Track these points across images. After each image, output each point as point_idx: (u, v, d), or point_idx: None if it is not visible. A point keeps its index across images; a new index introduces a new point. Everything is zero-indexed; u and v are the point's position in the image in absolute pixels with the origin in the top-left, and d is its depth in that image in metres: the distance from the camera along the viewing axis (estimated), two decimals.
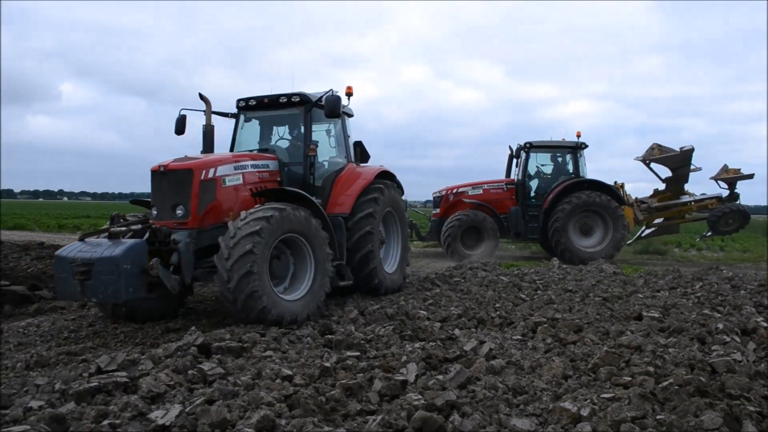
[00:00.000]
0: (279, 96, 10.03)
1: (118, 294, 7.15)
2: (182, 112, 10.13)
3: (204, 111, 9.94)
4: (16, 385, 5.39)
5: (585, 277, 12.51)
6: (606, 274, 12.96)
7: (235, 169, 8.76)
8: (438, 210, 20.29)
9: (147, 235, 7.90)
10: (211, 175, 8.29)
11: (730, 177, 20.49)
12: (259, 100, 10.21)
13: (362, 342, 6.71)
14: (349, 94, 10.40)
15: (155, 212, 8.24)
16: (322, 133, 10.69)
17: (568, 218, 18.20)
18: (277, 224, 7.72)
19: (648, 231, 22.29)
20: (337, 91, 9.90)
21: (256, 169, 9.17)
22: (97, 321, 8.55)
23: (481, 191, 19.90)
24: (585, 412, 4.34)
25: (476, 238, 18.99)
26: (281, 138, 10.53)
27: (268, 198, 8.71)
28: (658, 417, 4.29)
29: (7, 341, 7.45)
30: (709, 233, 21.21)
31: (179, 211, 8.06)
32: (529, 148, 19.58)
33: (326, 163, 10.65)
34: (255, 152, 9.92)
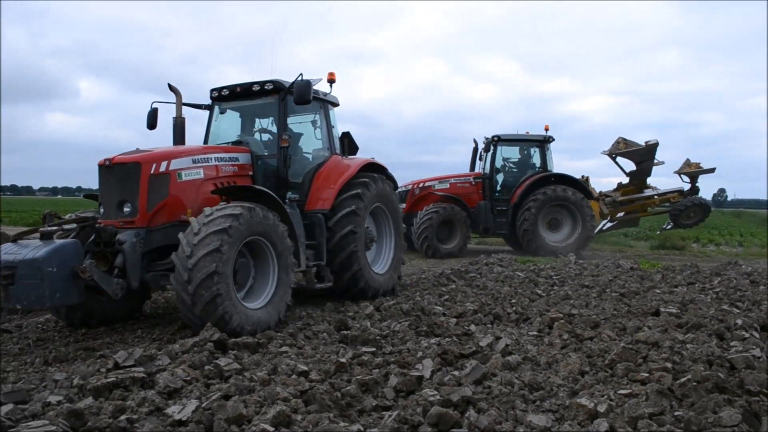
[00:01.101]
0: (252, 84, 9.35)
1: (42, 300, 6.42)
2: (154, 105, 9.55)
3: (175, 103, 9.33)
4: (35, 380, 5.46)
5: (602, 272, 12.44)
6: (623, 270, 12.88)
7: (194, 162, 8.04)
8: (404, 205, 19.13)
9: (93, 235, 7.32)
10: (162, 168, 7.58)
11: (692, 171, 21.00)
12: (232, 89, 9.54)
13: (378, 338, 6.71)
14: (331, 80, 9.90)
15: (102, 210, 7.59)
16: (307, 124, 10.17)
17: (538, 213, 18.04)
18: (247, 224, 7.13)
19: (609, 225, 22.43)
20: (321, 80, 9.53)
21: (221, 163, 8.45)
22: None
23: (448, 185, 19.48)
24: (602, 408, 4.31)
25: (447, 233, 18.56)
26: (258, 130, 9.94)
27: (227, 195, 8.07)
28: (675, 413, 4.26)
29: (26, 337, 7.54)
30: (669, 226, 21.86)
31: (126, 209, 7.39)
32: (497, 141, 19.32)
33: (310, 156, 10.03)
34: (229, 145, 9.36)
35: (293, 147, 9.46)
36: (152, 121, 9.55)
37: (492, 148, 19.37)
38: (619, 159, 20.97)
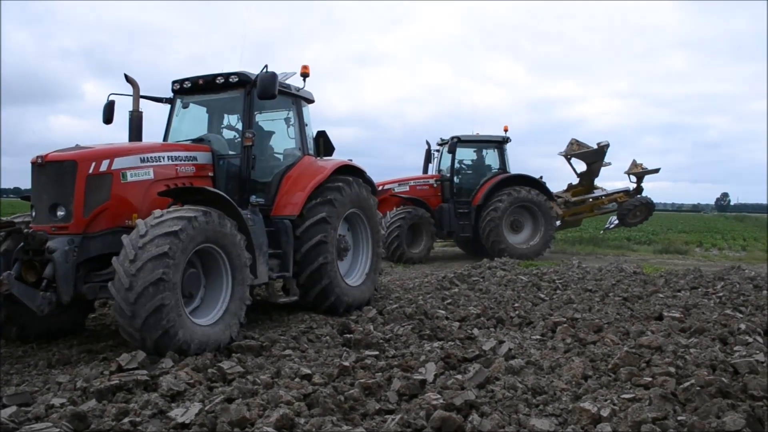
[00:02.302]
0: (216, 76, 8.46)
1: None
2: (111, 98, 8.66)
3: (132, 95, 8.56)
4: (38, 382, 5.46)
5: (605, 276, 12.42)
6: (626, 274, 12.86)
7: (143, 161, 7.19)
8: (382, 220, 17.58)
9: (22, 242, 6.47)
10: (103, 168, 6.74)
11: (639, 172, 21.42)
12: (195, 81, 8.64)
13: (381, 341, 6.72)
14: (304, 74, 9.07)
15: (33, 213, 6.77)
16: (279, 122, 9.36)
17: (503, 215, 17.71)
18: (201, 230, 6.37)
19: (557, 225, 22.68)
20: (294, 73, 8.91)
21: (176, 162, 7.58)
22: None
23: (407, 188, 18.55)
24: (605, 413, 4.32)
25: (412, 237, 17.61)
26: (225, 127, 9.10)
27: (177, 197, 7.23)
28: (679, 418, 4.26)
29: (30, 339, 7.53)
30: (613, 225, 22.64)
31: (60, 213, 6.55)
32: (457, 142, 18.71)
33: (281, 157, 9.19)
34: (189, 143, 8.46)
35: (261, 146, 8.76)
36: (108, 115, 8.70)
37: (455, 149, 18.69)
38: (573, 160, 21.22)
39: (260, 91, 7.75)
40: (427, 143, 19.75)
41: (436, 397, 4.56)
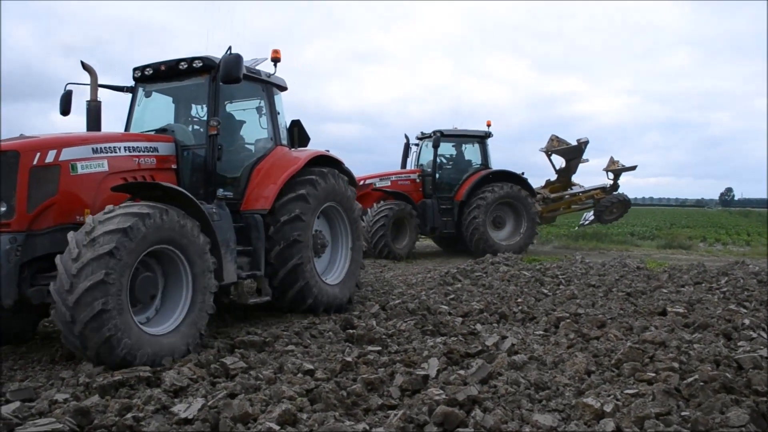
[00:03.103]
0: (179, 61, 7.84)
1: None
2: (68, 87, 8.11)
3: (89, 84, 8.00)
4: (41, 378, 5.47)
5: (608, 271, 12.41)
6: (629, 269, 12.84)
7: (95, 152, 6.59)
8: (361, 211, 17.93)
9: None
10: (50, 159, 6.15)
11: (616, 169, 21.60)
12: (157, 68, 8.03)
13: (383, 337, 6.71)
14: (275, 59, 8.45)
15: None
16: (252, 111, 8.79)
17: (487, 211, 17.50)
18: (156, 228, 5.80)
19: None
20: (265, 59, 8.43)
21: (134, 154, 7.02)
22: None
23: (389, 183, 18.08)
24: (608, 408, 4.30)
25: (395, 233, 17.10)
26: (194, 118, 8.43)
27: (133, 193, 6.70)
28: (682, 413, 4.24)
29: (33, 334, 7.55)
30: (588, 221, 23.00)
31: (1, 208, 5.95)
32: (440, 137, 18.27)
33: (253, 148, 8.68)
34: (152, 133, 7.89)
35: (230, 136, 8.29)
36: (65, 106, 8.15)
37: (438, 144, 18.24)
38: (553, 157, 21.29)
39: (224, 74, 7.21)
40: (406, 137, 19.47)
41: (439, 393, 4.55)
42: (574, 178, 21.96)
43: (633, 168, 21.87)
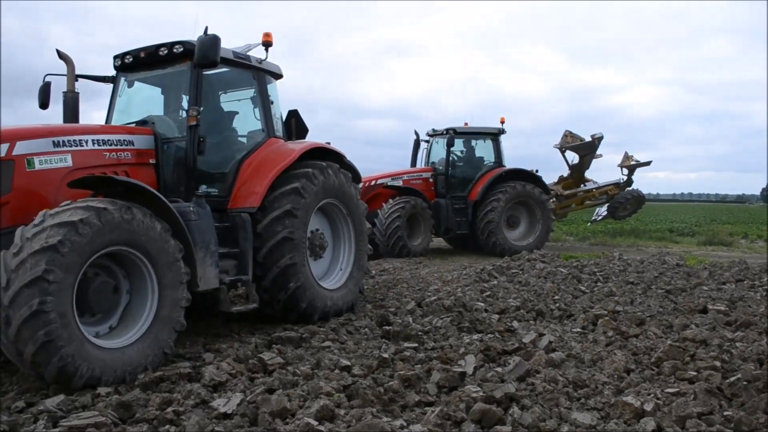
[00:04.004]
0: (159, 47, 7.19)
1: None
2: (47, 79, 7.54)
3: (66, 74, 7.46)
4: None
5: (647, 269, 12.24)
6: (669, 266, 12.65)
7: (57, 145, 5.97)
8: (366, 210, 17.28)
9: None
10: (2, 153, 5.57)
11: (632, 164, 21.21)
12: (136, 54, 7.40)
13: (420, 333, 6.72)
14: (266, 43, 7.81)
15: None
16: (246, 101, 8.15)
17: (503, 211, 16.97)
18: (112, 226, 5.12)
19: None
20: (257, 44, 7.83)
21: (104, 147, 6.38)
22: None
23: (401, 182, 17.32)
24: (648, 407, 4.25)
25: (410, 230, 16.37)
26: (182, 107, 7.64)
27: (94, 188, 6.00)
28: (725, 413, 4.18)
29: None
30: (600, 217, 22.37)
31: None
32: (453, 135, 17.71)
33: (245, 140, 8.00)
34: (133, 125, 7.27)
35: (219, 128, 7.68)
36: (44, 99, 7.58)
37: (453, 142, 17.75)
38: (567, 153, 20.95)
39: (199, 57, 6.56)
40: (416, 134, 18.90)
41: (476, 390, 4.54)
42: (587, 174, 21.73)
43: (647, 163, 21.58)
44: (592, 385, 4.93)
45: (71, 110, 7.42)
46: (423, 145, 18.84)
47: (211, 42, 6.54)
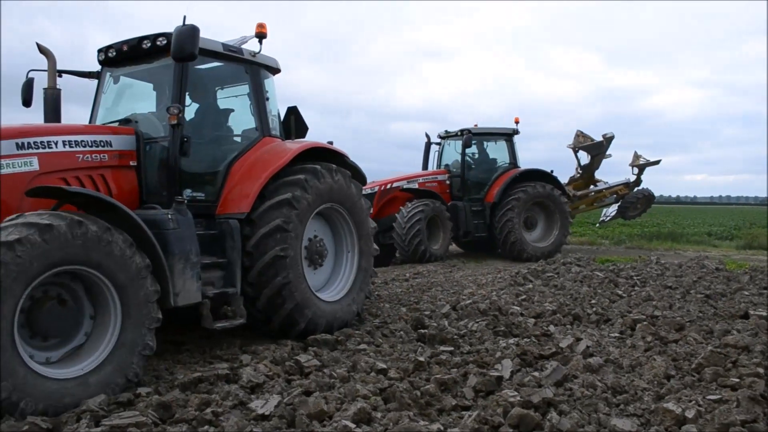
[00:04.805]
0: (141, 39, 6.69)
1: None
2: (30, 75, 7.10)
3: (47, 70, 7.01)
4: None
5: (685, 273, 12.05)
6: (708, 270, 12.43)
7: (21, 147, 5.43)
8: (370, 210, 16.85)
9: None
10: None
11: (641, 164, 20.98)
12: (119, 48, 6.91)
13: (455, 337, 6.70)
14: (260, 35, 7.28)
15: None
16: (243, 98, 7.54)
17: (521, 212, 16.63)
18: (60, 243, 4.53)
19: None
20: (252, 37, 7.34)
21: (75, 149, 5.84)
22: None
23: (416, 185, 16.86)
24: (690, 414, 4.19)
25: (428, 234, 15.76)
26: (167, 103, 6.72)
27: (57, 198, 5.36)
28: None
29: None
30: (609, 218, 22.22)
31: None
32: (471, 136, 17.32)
33: (239, 139, 7.43)
34: (117, 125, 6.73)
35: (209, 126, 7.19)
36: (27, 95, 7.13)
37: (470, 143, 17.35)
38: (579, 153, 20.70)
39: (175, 49, 5.98)
40: (427, 136, 18.53)
41: (514, 394, 4.52)
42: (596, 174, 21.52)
43: (657, 162, 21.29)
44: (632, 391, 4.87)
45: (52, 108, 6.96)
46: (434, 147, 18.50)
47: (188, 33, 5.97)
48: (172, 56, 6.07)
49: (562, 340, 6.34)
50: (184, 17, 6.15)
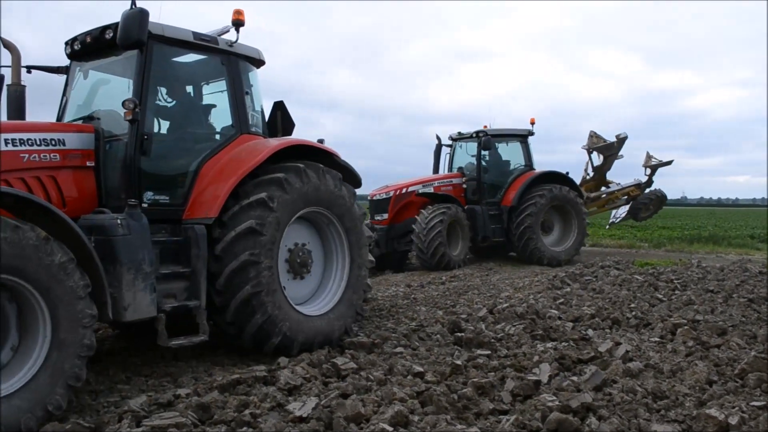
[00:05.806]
0: (104, 30, 6.15)
1: None
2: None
3: (10, 65, 6.53)
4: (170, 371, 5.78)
5: (727, 276, 11.81)
6: (751, 274, 12.17)
7: None
8: (385, 215, 15.73)
9: None
10: None
11: (653, 164, 20.81)
12: (83, 40, 6.39)
13: (492, 340, 6.67)
14: (237, 22, 6.64)
15: None
16: (225, 93, 6.95)
17: (539, 216, 16.12)
18: None
19: None
20: (229, 28, 6.76)
21: (20, 148, 5.33)
22: None
23: (431, 189, 16.27)
24: (734, 421, 4.10)
25: (447, 240, 15.08)
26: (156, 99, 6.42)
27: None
28: None
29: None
30: (618, 219, 22.10)
31: None
32: (489, 138, 16.62)
33: (218, 137, 6.80)
34: (80, 122, 6.28)
35: (182, 123, 6.68)
36: None
37: (489, 145, 16.65)
38: (592, 154, 20.36)
39: (121, 35, 5.50)
40: (438, 138, 18.07)
41: (552, 399, 4.49)
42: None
43: (669, 163, 21.03)
44: (673, 397, 4.79)
45: (16, 107, 6.47)
46: (444, 150, 18.09)
47: (135, 17, 5.47)
48: (118, 43, 5.61)
49: (600, 345, 6.26)
50: (133, 1, 5.63)
